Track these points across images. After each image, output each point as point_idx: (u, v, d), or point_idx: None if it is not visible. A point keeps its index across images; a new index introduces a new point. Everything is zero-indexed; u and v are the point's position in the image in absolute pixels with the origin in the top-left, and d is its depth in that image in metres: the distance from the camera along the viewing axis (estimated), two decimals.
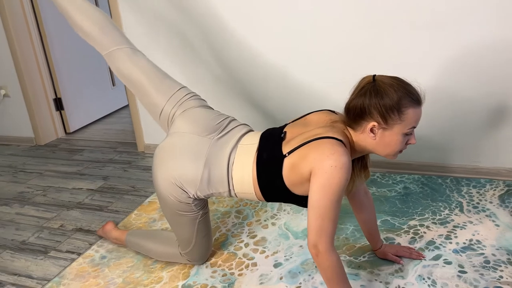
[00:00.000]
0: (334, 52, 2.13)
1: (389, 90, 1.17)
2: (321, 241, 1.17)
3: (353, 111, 1.23)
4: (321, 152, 1.19)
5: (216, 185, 1.40)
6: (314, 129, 1.29)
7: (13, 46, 2.88)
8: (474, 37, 1.91)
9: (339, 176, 1.15)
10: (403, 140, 1.22)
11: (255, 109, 2.41)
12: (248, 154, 1.36)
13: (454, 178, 2.12)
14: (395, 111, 1.17)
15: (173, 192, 1.41)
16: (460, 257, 1.55)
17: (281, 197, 1.36)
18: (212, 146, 1.40)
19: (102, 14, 1.56)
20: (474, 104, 2.02)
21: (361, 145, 1.27)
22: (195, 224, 1.49)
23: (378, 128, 1.21)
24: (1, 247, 1.87)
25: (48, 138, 3.19)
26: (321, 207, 1.17)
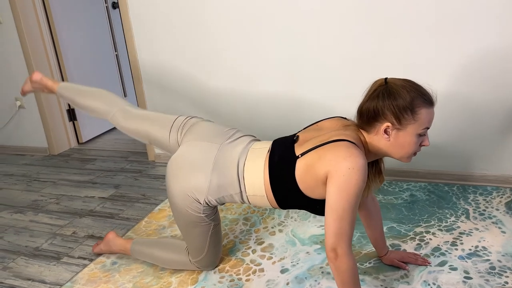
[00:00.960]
0: (341, 60, 2.17)
1: (401, 91, 1.20)
2: (340, 244, 1.18)
3: (366, 114, 1.25)
4: (336, 155, 1.20)
5: (227, 186, 1.41)
6: (328, 133, 1.30)
7: (28, 59, 2.98)
8: (477, 44, 1.93)
9: (356, 178, 1.17)
10: (417, 141, 1.23)
11: (260, 121, 2.45)
12: (259, 156, 1.39)
13: (461, 185, 2.13)
14: (408, 111, 1.19)
15: (188, 203, 1.45)
16: (466, 263, 1.56)
17: (294, 201, 1.36)
18: (221, 149, 1.44)
19: (100, 90, 1.79)
20: (481, 112, 2.04)
21: (375, 147, 1.28)
22: (208, 235, 1.52)
23: (392, 129, 1.22)
24: (16, 253, 1.92)
25: (61, 148, 3.27)
26: (339, 209, 1.17)
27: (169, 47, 2.53)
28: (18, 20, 2.89)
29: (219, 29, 2.36)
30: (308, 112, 2.32)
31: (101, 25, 3.52)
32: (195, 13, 2.38)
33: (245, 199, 1.43)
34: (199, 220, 1.48)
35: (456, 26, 1.94)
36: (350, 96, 2.16)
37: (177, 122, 1.58)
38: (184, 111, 2.64)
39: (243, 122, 2.50)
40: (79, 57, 3.30)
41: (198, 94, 2.56)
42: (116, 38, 3.66)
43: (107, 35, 3.59)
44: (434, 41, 1.99)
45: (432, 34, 1.98)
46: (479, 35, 1.92)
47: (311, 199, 1.32)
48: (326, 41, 2.17)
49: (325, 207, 1.21)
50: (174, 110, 2.66)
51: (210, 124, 1.57)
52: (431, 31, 1.98)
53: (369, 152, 1.30)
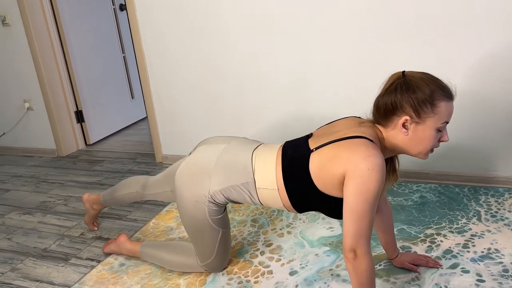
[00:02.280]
0: (349, 63, 2.16)
1: (420, 84, 1.17)
2: (359, 244, 1.16)
3: (384, 107, 1.22)
4: (354, 154, 1.17)
5: (235, 176, 1.38)
6: (344, 130, 1.27)
7: (37, 62, 3.00)
8: (491, 44, 1.91)
9: (376, 179, 1.14)
10: (436, 136, 1.20)
11: (268, 126, 2.44)
12: (271, 150, 1.38)
13: (472, 187, 2.10)
14: (427, 104, 1.16)
15: (196, 208, 1.44)
16: (478, 266, 1.53)
17: (308, 198, 1.32)
18: (228, 147, 1.45)
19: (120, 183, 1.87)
20: (492, 112, 2.01)
21: (392, 143, 1.25)
22: (217, 241, 1.52)
23: (410, 123, 1.19)
24: (24, 254, 1.92)
25: (69, 150, 3.28)
26: (359, 210, 1.15)
27: (177, 50, 2.53)
28: (26, 22, 2.90)
29: (227, 33, 2.36)
30: (315, 117, 2.31)
31: (108, 27, 3.53)
32: (203, 17, 2.38)
33: (255, 193, 1.38)
34: (207, 226, 1.47)
35: (467, 27, 1.91)
36: (358, 100, 2.16)
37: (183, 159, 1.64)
38: (191, 115, 2.63)
39: (250, 126, 2.49)
40: (87, 59, 3.32)
41: (206, 97, 2.56)
42: (123, 40, 3.68)
43: (115, 37, 3.60)
44: (444, 43, 1.97)
45: (442, 35, 1.96)
46: (488, 38, 1.89)
47: (326, 196, 1.28)
48: (334, 45, 2.16)
49: (342, 208, 1.19)
50: (181, 113, 2.66)
51: (219, 136, 1.58)
52: (441, 32, 1.96)
53: (385, 148, 1.27)
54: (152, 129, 2.83)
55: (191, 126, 2.68)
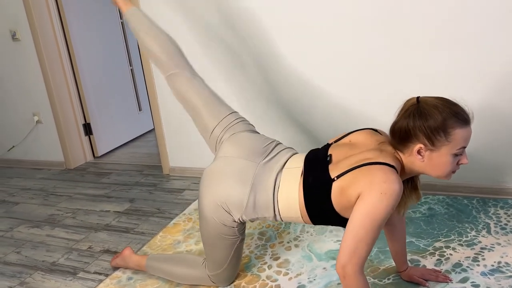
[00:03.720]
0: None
1: (433, 112, 1.16)
2: (351, 263, 1.16)
3: (399, 134, 1.22)
4: (372, 179, 1.17)
5: (262, 209, 1.40)
6: (363, 152, 1.27)
7: (46, 76, 3.04)
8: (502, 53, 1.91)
9: (386, 204, 1.14)
10: (453, 161, 1.19)
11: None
12: (293, 178, 1.36)
13: (481, 198, 2.08)
14: (441, 133, 1.15)
15: (219, 214, 1.43)
16: (489, 280, 1.51)
17: (329, 221, 1.34)
18: (258, 170, 1.41)
19: (168, 39, 1.67)
20: (501, 123, 2.00)
21: (410, 167, 1.25)
22: (233, 249, 1.51)
23: (425, 150, 1.19)
24: (33, 268, 1.93)
25: (78, 162, 3.30)
26: (361, 230, 1.15)
27: None
28: (36, 37, 2.95)
29: (235, 45, 2.37)
30: (323, 121, 2.31)
31: (116, 41, 3.58)
32: (210, 29, 2.40)
33: (279, 219, 1.42)
34: (228, 233, 1.46)
35: (479, 36, 1.91)
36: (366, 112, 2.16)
37: (226, 120, 1.56)
38: None
39: None
40: (95, 73, 3.36)
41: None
42: (131, 53, 3.72)
43: (122, 50, 3.64)
44: (455, 52, 1.97)
45: (451, 45, 1.96)
46: (500, 47, 1.89)
47: (344, 218, 1.29)
48: (342, 55, 2.17)
49: (347, 222, 1.19)
50: (188, 126, 2.67)
51: (250, 136, 1.52)
52: (453, 41, 1.96)
53: (405, 172, 1.27)
54: (159, 141, 2.85)
55: (198, 138, 2.67)
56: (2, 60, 3.15)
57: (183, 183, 2.71)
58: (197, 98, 1.59)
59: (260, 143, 1.49)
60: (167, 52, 1.64)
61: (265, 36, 2.29)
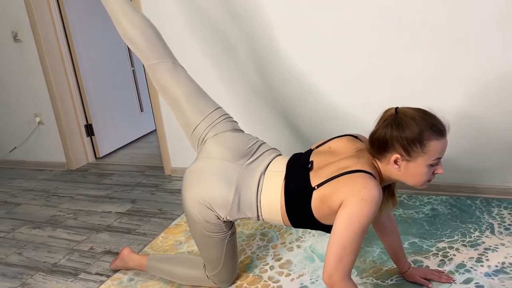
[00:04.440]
0: (363, 73, 2.15)
1: (410, 123, 1.17)
2: (337, 271, 1.17)
3: (377, 143, 1.24)
4: (353, 186, 1.19)
5: (245, 210, 1.41)
6: (342, 160, 1.28)
7: (48, 77, 3.04)
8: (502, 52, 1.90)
9: (368, 209, 1.16)
10: (429, 171, 1.21)
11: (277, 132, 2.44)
12: (275, 181, 1.38)
13: (484, 199, 2.07)
14: (417, 144, 1.17)
15: (202, 213, 1.43)
16: (492, 280, 1.50)
17: (309, 226, 1.37)
18: (242, 171, 1.41)
19: (148, 25, 1.56)
20: (504, 123, 1.99)
21: (387, 176, 1.28)
22: (224, 245, 1.51)
23: (401, 160, 1.21)
24: (34, 269, 1.93)
25: (79, 163, 3.30)
26: (344, 237, 1.16)
27: (185, 63, 2.53)
28: (37, 38, 2.95)
29: (238, 44, 2.37)
30: (325, 123, 2.30)
31: (117, 42, 3.57)
32: (212, 30, 2.39)
33: (261, 219, 1.44)
34: (216, 230, 1.46)
35: (478, 38, 1.90)
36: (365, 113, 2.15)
37: (211, 117, 1.51)
38: None
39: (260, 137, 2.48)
40: (97, 74, 3.36)
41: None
42: (132, 54, 3.71)
43: (124, 51, 3.65)
44: (454, 55, 1.96)
45: (450, 48, 1.95)
46: (500, 46, 1.88)
47: (326, 225, 1.32)
48: (342, 57, 2.16)
49: (331, 232, 1.20)
50: None
51: (234, 136, 1.50)
52: (451, 42, 1.95)
53: (383, 179, 1.29)
54: (161, 142, 2.84)
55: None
56: (3, 61, 3.16)
57: None
58: (179, 92, 1.51)
59: (244, 144, 1.47)
60: (146, 38, 1.53)
61: (266, 33, 2.28)
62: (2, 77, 3.22)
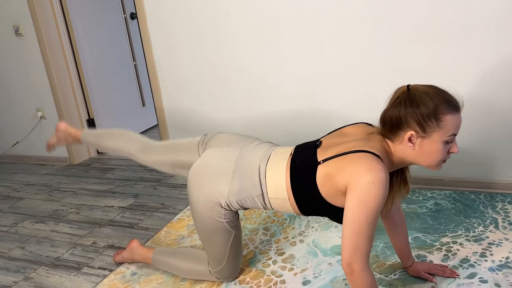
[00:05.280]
0: (363, 69, 2.14)
1: (424, 98, 1.15)
2: (356, 259, 1.15)
3: (389, 122, 1.21)
4: (358, 167, 1.16)
5: (249, 188, 1.38)
6: (351, 141, 1.27)
7: (50, 71, 3.03)
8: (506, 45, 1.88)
9: (376, 193, 1.13)
10: (444, 149, 1.18)
11: (279, 131, 2.43)
12: (281, 159, 1.37)
13: (488, 193, 2.06)
14: (432, 119, 1.14)
15: (209, 210, 1.43)
16: (497, 275, 1.49)
17: (315, 206, 1.32)
18: (242, 152, 1.44)
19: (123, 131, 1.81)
20: (508, 117, 1.97)
21: (400, 157, 1.24)
22: (228, 244, 1.50)
23: (416, 137, 1.18)
24: (37, 263, 1.93)
25: (81, 158, 3.30)
26: (356, 224, 1.14)
27: (188, 58, 2.53)
28: (39, 32, 2.94)
29: (238, 40, 2.35)
30: (327, 121, 2.29)
31: (119, 36, 3.56)
32: (214, 24, 2.38)
33: (267, 202, 1.39)
34: (221, 228, 1.46)
35: (482, 30, 1.89)
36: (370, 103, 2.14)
37: (196, 141, 1.59)
38: (202, 122, 2.63)
39: (261, 133, 2.48)
40: (99, 68, 3.35)
41: (217, 104, 2.55)
42: (134, 49, 3.70)
43: (126, 45, 3.63)
44: (458, 45, 1.94)
45: (456, 38, 1.93)
46: (504, 39, 1.86)
47: (332, 206, 1.28)
48: (345, 50, 2.14)
49: (343, 220, 1.18)
50: (192, 121, 2.66)
51: (230, 133, 1.57)
52: (455, 35, 1.93)
53: (393, 162, 1.26)
54: (163, 137, 2.83)
55: (202, 133, 2.67)
56: (5, 55, 3.15)
57: None
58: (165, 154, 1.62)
59: (241, 136, 1.53)
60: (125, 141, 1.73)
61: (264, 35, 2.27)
62: (3, 72, 3.22)
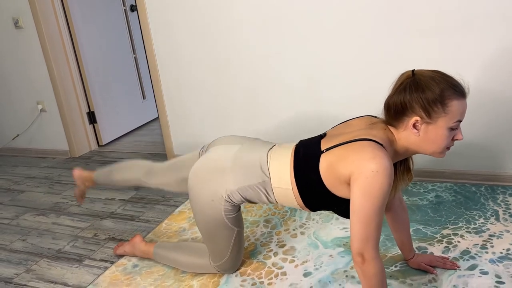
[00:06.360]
0: (363, 62, 2.13)
1: (430, 83, 1.13)
2: (366, 248, 1.14)
3: (394, 108, 1.19)
4: (361, 155, 1.15)
5: (252, 176, 1.37)
6: (354, 131, 1.26)
7: (49, 64, 3.02)
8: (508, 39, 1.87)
9: (381, 181, 1.11)
10: (449, 135, 1.17)
11: (280, 124, 2.43)
12: (285, 149, 1.38)
13: (489, 186, 2.06)
14: (438, 104, 1.13)
15: (211, 208, 1.43)
16: (497, 267, 1.50)
17: (319, 198, 1.31)
18: (242, 147, 1.45)
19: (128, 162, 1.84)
20: (509, 109, 1.96)
21: (404, 145, 1.22)
22: (231, 240, 1.50)
23: (421, 123, 1.16)
24: (39, 255, 1.93)
25: (82, 151, 3.30)
26: (364, 213, 1.13)
27: (188, 50, 2.52)
28: (39, 25, 2.92)
29: (239, 32, 2.34)
30: (327, 117, 2.29)
31: (119, 28, 3.55)
32: (215, 17, 2.37)
33: (271, 192, 1.38)
34: (222, 224, 1.46)
35: (483, 22, 1.87)
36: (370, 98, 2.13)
37: (198, 152, 1.64)
38: (203, 115, 2.63)
39: (261, 127, 2.47)
40: (99, 61, 3.33)
41: (218, 97, 2.55)
42: (134, 41, 3.69)
43: (126, 38, 3.61)
44: (459, 38, 1.93)
45: (457, 30, 1.92)
46: (506, 32, 1.85)
47: (336, 197, 1.27)
48: (345, 43, 2.13)
49: (350, 211, 1.17)
50: (193, 114, 2.66)
51: (230, 135, 1.58)
52: (456, 27, 1.92)
53: (397, 150, 1.24)
54: (163, 130, 2.83)
55: (203, 126, 2.67)
56: (5, 48, 3.13)
57: None
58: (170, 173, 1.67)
59: (245, 137, 1.54)
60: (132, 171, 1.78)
61: (267, 29, 2.25)
62: (3, 65, 3.21)
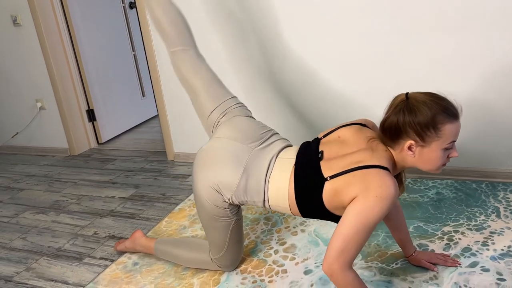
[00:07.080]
0: (369, 59, 2.12)
1: (422, 108, 1.15)
2: (337, 261, 1.16)
3: (389, 131, 1.21)
4: (368, 184, 1.16)
5: (252, 193, 1.39)
6: (356, 153, 1.25)
7: (48, 61, 3.01)
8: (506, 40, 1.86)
9: (381, 206, 1.13)
10: (444, 155, 1.19)
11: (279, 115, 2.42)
12: (285, 169, 1.36)
13: (490, 183, 2.05)
14: (430, 128, 1.15)
15: (211, 196, 1.43)
16: (498, 264, 1.49)
17: (320, 216, 1.34)
18: (252, 155, 1.40)
19: (178, 12, 1.66)
20: (509, 106, 1.96)
21: (401, 164, 1.26)
22: (229, 230, 1.50)
23: (416, 146, 1.19)
24: (38, 254, 1.93)
25: (82, 149, 3.29)
26: (351, 230, 1.14)
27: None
28: (37, 22, 2.91)
29: (238, 28, 2.33)
30: (328, 114, 2.28)
31: (118, 26, 3.53)
32: (212, 13, 2.35)
33: (267, 206, 1.42)
34: (222, 214, 1.46)
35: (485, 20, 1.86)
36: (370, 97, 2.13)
37: (225, 104, 1.55)
38: None
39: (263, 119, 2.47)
40: (98, 58, 3.32)
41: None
42: (133, 38, 3.67)
43: (125, 35, 3.60)
44: (462, 36, 1.92)
45: (458, 31, 1.91)
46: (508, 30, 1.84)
47: (336, 216, 1.29)
48: (347, 40, 2.12)
49: (339, 222, 1.18)
50: (193, 111, 2.65)
51: (248, 121, 1.51)
52: (459, 25, 1.91)
53: (396, 168, 1.27)
54: (163, 127, 2.82)
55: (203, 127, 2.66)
56: (3, 45, 3.12)
57: (188, 169, 2.70)
58: (198, 80, 1.58)
59: (257, 129, 1.48)
60: (175, 26, 1.62)
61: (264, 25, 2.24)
62: (2, 62, 3.19)
